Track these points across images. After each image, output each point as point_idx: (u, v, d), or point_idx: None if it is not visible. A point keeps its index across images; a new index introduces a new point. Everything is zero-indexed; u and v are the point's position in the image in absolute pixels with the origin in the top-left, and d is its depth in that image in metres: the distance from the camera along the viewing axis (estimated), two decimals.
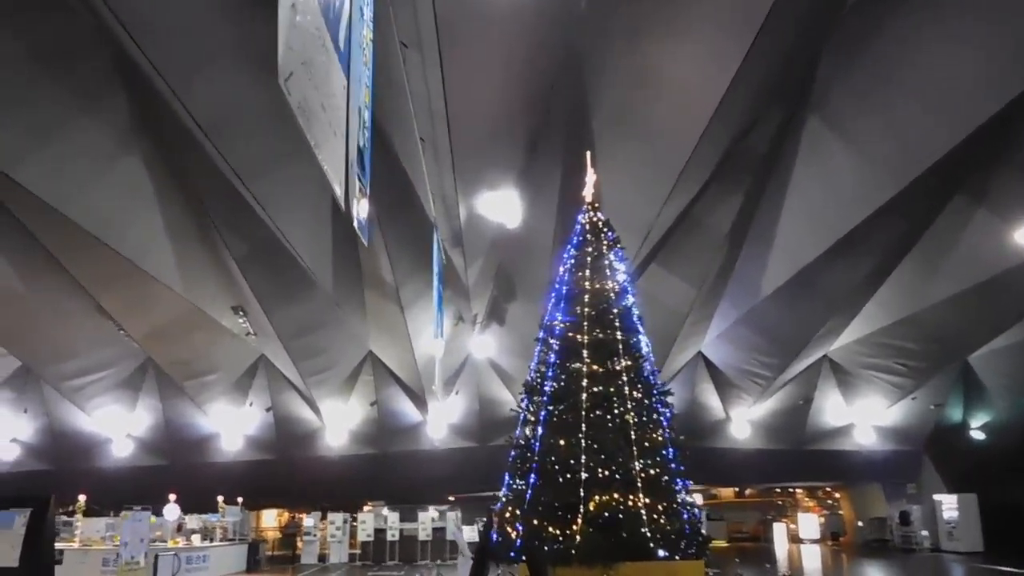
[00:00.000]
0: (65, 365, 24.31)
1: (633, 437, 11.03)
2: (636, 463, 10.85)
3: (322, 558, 27.20)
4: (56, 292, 20.48)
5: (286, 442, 28.56)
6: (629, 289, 12.39)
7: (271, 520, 34.83)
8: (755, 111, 15.51)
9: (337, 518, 27.26)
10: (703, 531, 11.58)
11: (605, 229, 12.58)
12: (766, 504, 35.34)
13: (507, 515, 11.10)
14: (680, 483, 11.47)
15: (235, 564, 22.85)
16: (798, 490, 35.82)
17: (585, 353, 11.51)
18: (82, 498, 21.01)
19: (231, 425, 27.95)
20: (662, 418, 11.64)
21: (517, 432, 11.87)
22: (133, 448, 28.25)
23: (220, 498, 23.72)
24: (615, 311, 11.86)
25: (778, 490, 35.67)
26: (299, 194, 16.80)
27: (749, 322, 22.76)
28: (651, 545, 10.34)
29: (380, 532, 26.95)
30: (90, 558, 18.84)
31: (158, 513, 20.98)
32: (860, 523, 31.18)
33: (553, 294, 12.41)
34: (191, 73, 11.77)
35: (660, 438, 11.34)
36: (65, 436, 27.83)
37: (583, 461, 10.79)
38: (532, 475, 11.06)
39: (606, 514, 10.43)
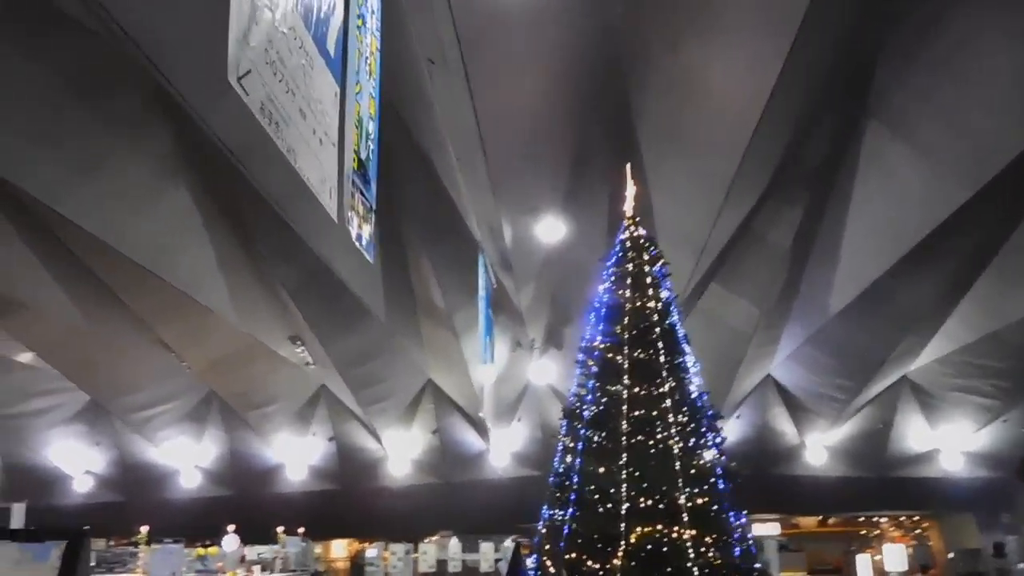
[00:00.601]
0: (130, 398, 24.74)
1: (678, 464, 10.30)
2: (682, 492, 10.12)
3: None
4: (116, 326, 20.81)
5: (349, 472, 28.43)
6: (673, 306, 11.69)
7: (340, 551, 34.73)
8: (809, 119, 14.73)
9: (399, 549, 26.91)
10: (759, 566, 10.72)
11: (647, 244, 11.94)
12: (849, 534, 33.47)
13: (546, 547, 10.49)
14: (733, 514, 10.67)
15: None
16: (883, 519, 33.89)
17: (625, 375, 10.86)
18: (144, 529, 21.15)
19: (295, 455, 27.99)
20: (711, 443, 10.86)
21: (556, 461, 11.27)
22: (200, 479, 28.56)
23: (280, 528, 23.62)
24: (658, 330, 11.18)
25: (862, 519, 33.81)
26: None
27: (819, 343, 21.63)
28: None
29: (442, 563, 26.47)
30: None
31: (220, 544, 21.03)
32: (951, 555, 29.23)
33: (592, 313, 11.81)
34: (216, 96, 11.68)
35: (708, 465, 10.57)
36: (135, 468, 28.32)
37: (623, 490, 10.11)
38: (570, 506, 10.44)
39: (649, 547, 9.72)
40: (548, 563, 10.19)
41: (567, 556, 10.03)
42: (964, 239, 16.48)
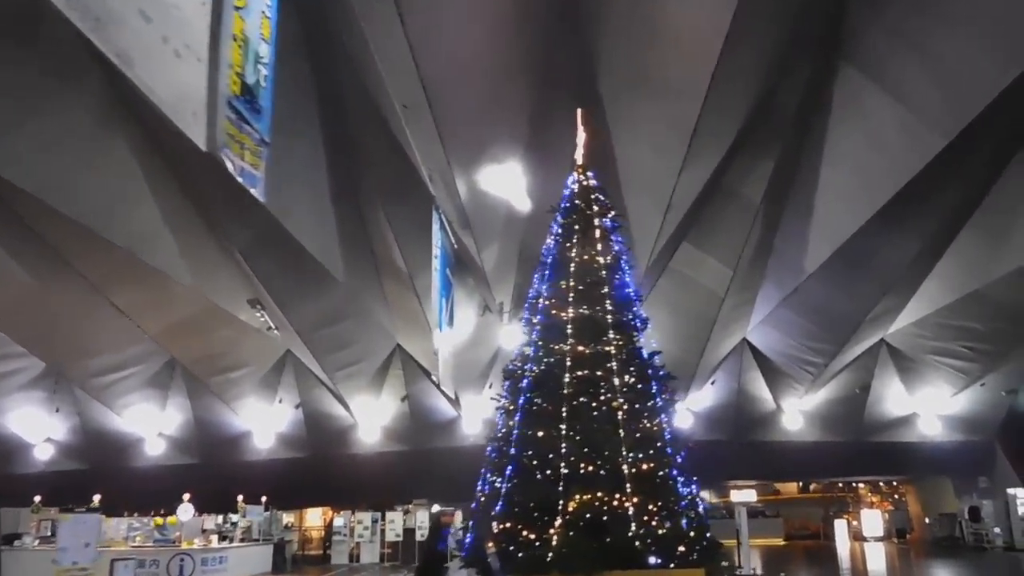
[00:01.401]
0: (88, 363, 23.92)
1: (622, 428, 9.62)
2: (625, 458, 9.45)
3: (355, 558, 26.33)
4: (68, 289, 19.92)
5: (318, 439, 27.77)
6: (624, 260, 10.96)
7: (316, 519, 34.20)
8: (780, 64, 13.88)
9: (365, 517, 26.34)
10: (709, 535, 10.06)
11: (596, 194, 11.17)
12: (827, 500, 33.18)
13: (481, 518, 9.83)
14: (683, 481, 10.02)
15: (258, 565, 22.09)
16: (861, 485, 33.57)
17: (569, 332, 10.15)
18: (96, 498, 20.53)
19: (261, 423, 27.31)
20: (659, 405, 10.18)
21: (499, 425, 10.59)
22: (165, 447, 27.88)
23: (240, 497, 23.01)
24: (606, 285, 10.45)
25: (840, 485, 33.48)
26: (290, 172, 15.84)
27: (794, 304, 20.95)
28: (641, 551, 8.94)
29: (409, 532, 25.92)
30: (103, 558, 18.35)
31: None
32: (928, 520, 28.92)
33: (539, 268, 11.08)
34: None
35: (656, 428, 9.90)
36: (98, 435, 27.59)
37: (563, 455, 9.44)
38: (508, 471, 9.76)
39: (588, 515, 9.07)
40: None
41: (503, 526, 9.37)
42: (944, 192, 15.75)
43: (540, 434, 9.67)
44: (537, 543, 9.05)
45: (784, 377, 25.21)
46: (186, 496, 20.96)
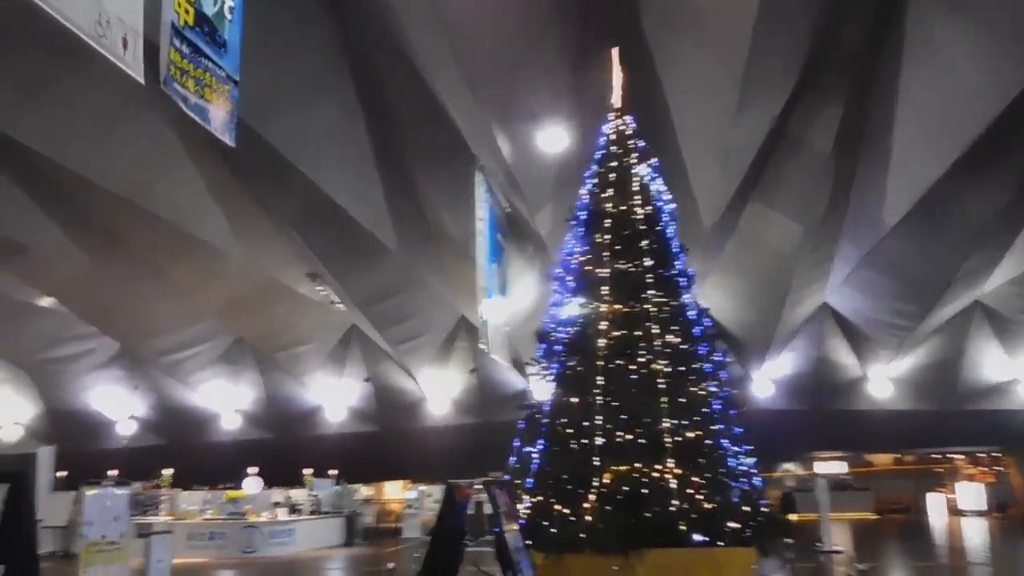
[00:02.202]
0: (156, 342, 24.24)
1: (664, 393, 8.78)
2: (666, 424, 8.63)
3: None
4: (126, 267, 20.12)
5: (388, 412, 27.65)
6: (665, 211, 10.02)
7: (396, 492, 34.26)
8: None
9: (435, 491, 26.06)
10: (765, 509, 9.13)
11: (634, 140, 10.24)
12: (921, 472, 31.32)
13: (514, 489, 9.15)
14: (735, 450, 9.14)
15: (328, 538, 22.06)
16: (958, 456, 31.58)
17: (604, 290, 9.33)
18: (167, 472, 20.81)
19: (332, 397, 27.35)
20: (707, 368, 9.28)
21: (531, 391, 9.91)
22: (241, 422, 28.23)
23: (307, 471, 23.02)
24: (645, 238, 9.55)
25: (936, 456, 31.57)
26: (329, 141, 15.40)
27: (875, 263, 19.47)
28: (683, 528, 8.14)
29: (479, 505, 25.51)
30: (176, 531, 18.57)
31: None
32: None
33: (573, 222, 10.26)
34: None
35: (703, 393, 9.02)
36: (176, 412, 28.16)
37: (599, 423, 8.68)
38: (541, 442, 9.07)
39: (625, 488, 8.30)
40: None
41: (535, 499, 8.70)
42: None
43: (574, 400, 8.95)
44: (571, 518, 8.35)
45: (869, 342, 23.67)
46: (252, 469, 21.03)
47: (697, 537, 8.16)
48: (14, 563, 8.73)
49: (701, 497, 8.35)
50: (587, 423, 8.74)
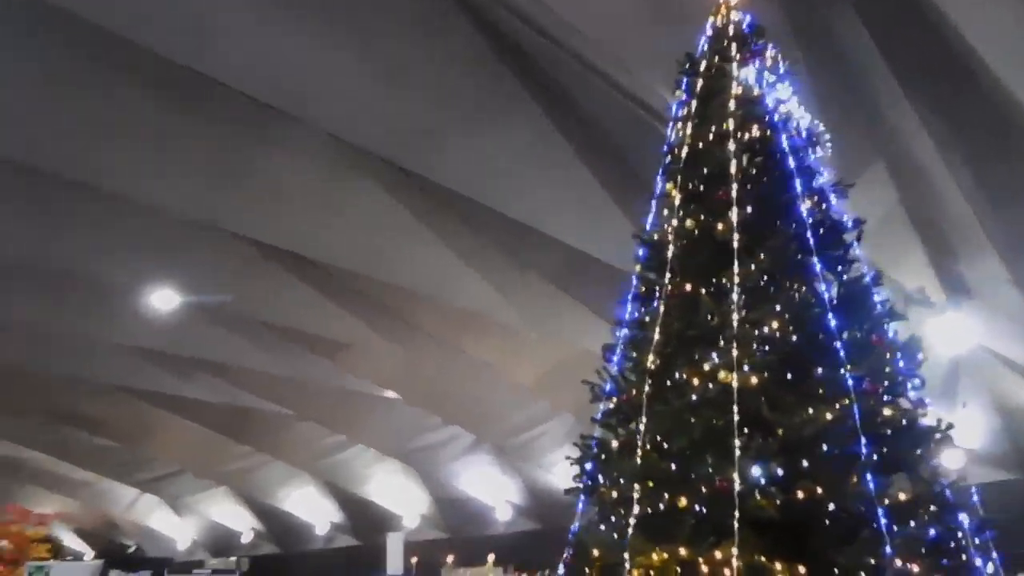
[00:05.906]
0: (496, 425, 24.41)
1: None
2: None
3: None
4: (438, 353, 20.66)
5: None
6: (792, 132, 6.50)
7: None
8: None
9: None
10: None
11: (747, 38, 6.95)
12: None
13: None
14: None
15: None
16: None
17: (669, 260, 6.25)
18: (491, 557, 20.46)
19: None
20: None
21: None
22: None
23: None
24: (741, 181, 6.24)
25: None
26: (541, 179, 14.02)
27: None
28: None
29: None
30: None
31: None
32: None
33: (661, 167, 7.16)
34: None
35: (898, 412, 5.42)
36: (542, 494, 27.91)
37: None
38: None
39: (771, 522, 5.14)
40: None
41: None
42: None
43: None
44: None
45: None
46: None
47: None
48: None
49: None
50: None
